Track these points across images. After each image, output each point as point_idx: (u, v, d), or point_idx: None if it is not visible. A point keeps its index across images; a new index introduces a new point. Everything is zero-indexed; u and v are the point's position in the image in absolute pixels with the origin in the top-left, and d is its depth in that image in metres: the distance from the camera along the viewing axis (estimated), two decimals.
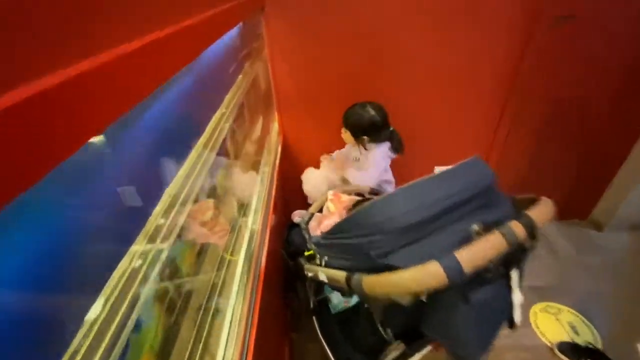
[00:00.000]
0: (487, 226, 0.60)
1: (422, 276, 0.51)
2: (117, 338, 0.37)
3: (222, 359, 0.62)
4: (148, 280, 0.43)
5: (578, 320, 1.44)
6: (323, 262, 0.84)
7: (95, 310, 0.37)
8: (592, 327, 1.41)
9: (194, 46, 0.49)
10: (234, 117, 0.97)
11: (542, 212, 0.61)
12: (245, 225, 1.02)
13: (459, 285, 0.53)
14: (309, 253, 0.96)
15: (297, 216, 1.39)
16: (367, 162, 1.36)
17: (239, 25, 1.24)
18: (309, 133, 1.60)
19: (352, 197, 1.23)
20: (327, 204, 1.21)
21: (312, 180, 1.53)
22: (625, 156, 1.71)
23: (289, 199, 1.61)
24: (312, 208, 1.17)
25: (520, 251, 0.62)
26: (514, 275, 0.65)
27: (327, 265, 0.82)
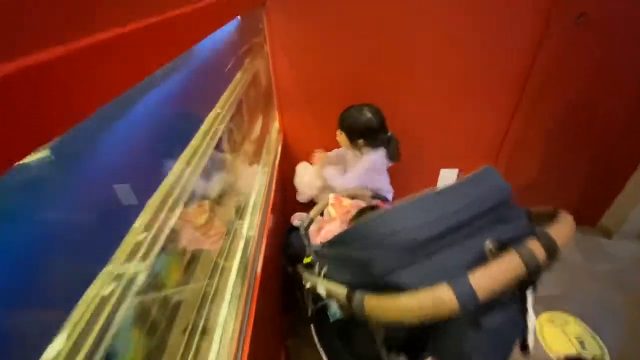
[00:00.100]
0: (501, 243, 0.55)
1: (431, 302, 0.46)
2: None
3: None
4: (123, 304, 0.38)
5: (585, 332, 1.39)
6: (322, 272, 0.80)
7: (57, 345, 0.32)
8: (599, 340, 1.36)
9: (188, 35, 0.44)
10: (231, 116, 0.92)
11: (564, 231, 0.55)
12: (241, 228, 0.97)
13: (470, 312, 0.48)
14: (307, 260, 0.92)
15: (297, 219, 1.34)
16: (356, 167, 1.31)
17: (238, 19, 1.18)
18: (309, 132, 1.55)
19: (354, 202, 1.18)
20: (328, 208, 1.16)
21: (306, 177, 1.49)
22: (638, 163, 1.65)
23: (289, 199, 1.57)
24: (312, 212, 1.12)
25: (538, 272, 0.57)
26: (529, 296, 0.60)
27: (327, 277, 0.78)
